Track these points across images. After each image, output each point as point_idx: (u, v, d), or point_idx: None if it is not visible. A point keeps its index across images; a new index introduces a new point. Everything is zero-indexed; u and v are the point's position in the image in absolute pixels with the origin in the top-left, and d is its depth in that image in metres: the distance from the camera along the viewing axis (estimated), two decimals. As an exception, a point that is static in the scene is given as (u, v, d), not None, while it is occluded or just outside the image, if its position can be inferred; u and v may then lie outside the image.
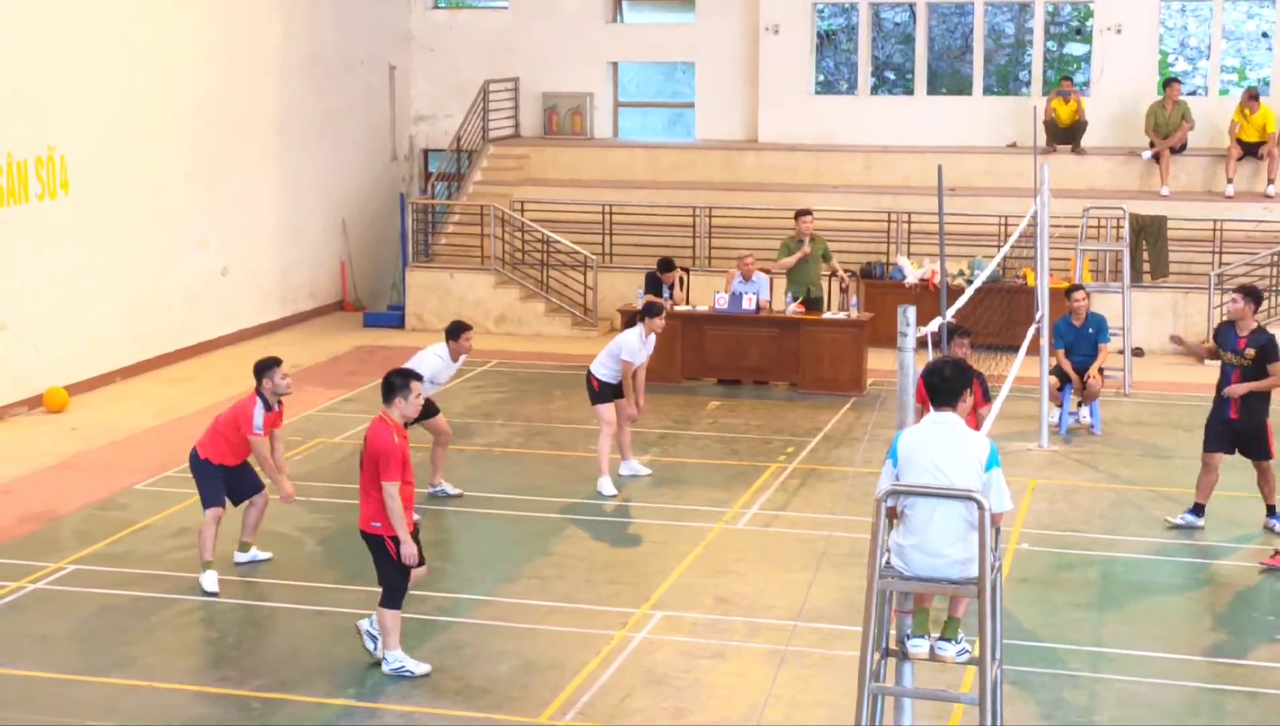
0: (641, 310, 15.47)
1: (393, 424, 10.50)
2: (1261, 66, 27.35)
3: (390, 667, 10.63)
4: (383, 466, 10.31)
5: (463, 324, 14.74)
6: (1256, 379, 13.21)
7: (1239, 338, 13.26)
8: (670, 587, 12.37)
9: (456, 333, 14.56)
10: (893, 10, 29.38)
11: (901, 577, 8.03)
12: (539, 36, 27.65)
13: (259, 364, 12.52)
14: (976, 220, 22.67)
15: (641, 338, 15.15)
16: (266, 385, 12.37)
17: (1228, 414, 13.35)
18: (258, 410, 12.32)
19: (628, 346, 15.06)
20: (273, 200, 24.06)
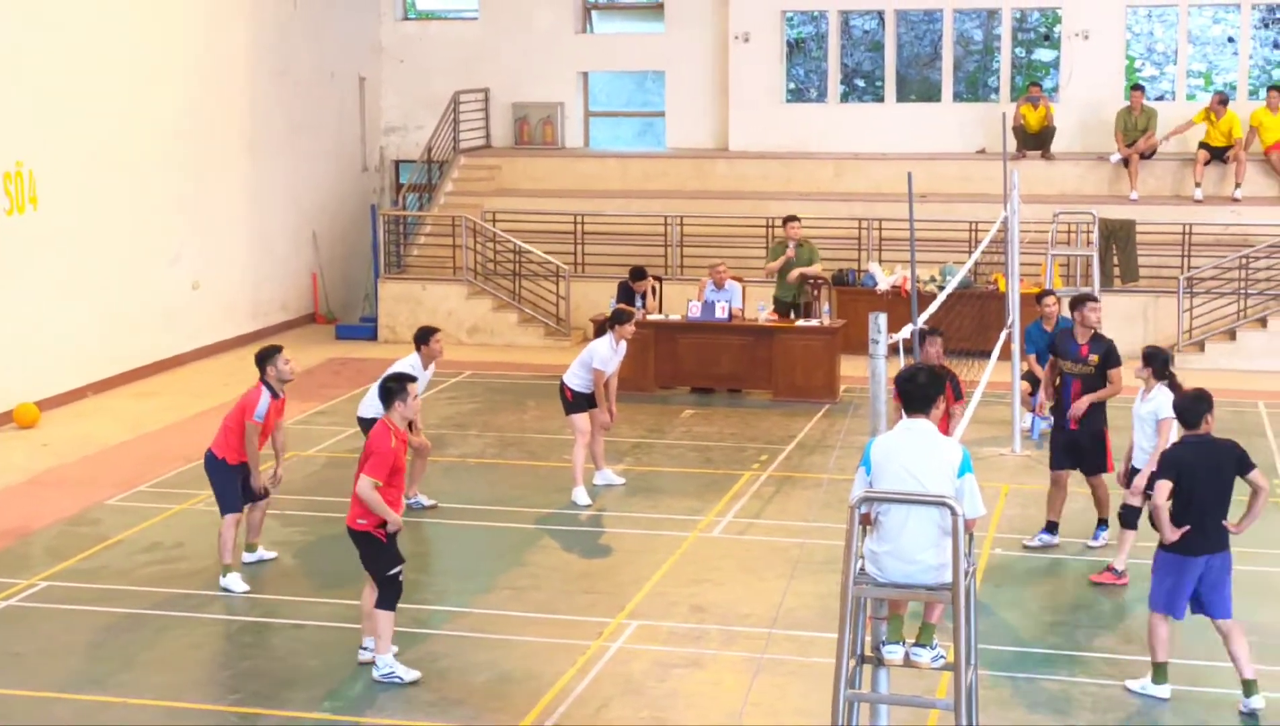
0: (610, 318, 15.48)
1: (393, 428, 10.61)
2: (1228, 71, 27.50)
3: (380, 673, 10.61)
4: (371, 462, 10.42)
5: (430, 328, 14.72)
6: (1097, 387, 13.10)
7: (1080, 345, 13.23)
8: (646, 597, 12.36)
9: (425, 337, 14.53)
10: (862, 18, 29.47)
11: (876, 584, 8.05)
12: (509, 47, 27.66)
13: (261, 353, 12.71)
14: (947, 226, 22.76)
15: (612, 345, 15.15)
16: (270, 373, 12.53)
17: (1067, 423, 13.23)
18: (263, 397, 12.45)
19: (599, 355, 15.06)
20: (244, 213, 24.00)
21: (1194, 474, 10.00)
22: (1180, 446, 10.26)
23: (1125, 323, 21.77)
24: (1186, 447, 10.18)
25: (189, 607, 12.21)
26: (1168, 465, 10.13)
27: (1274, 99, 23.84)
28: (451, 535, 14.22)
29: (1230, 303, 21.68)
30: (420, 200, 26.44)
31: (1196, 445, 10.15)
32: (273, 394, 12.55)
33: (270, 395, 12.52)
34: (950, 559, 7.79)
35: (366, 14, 27.92)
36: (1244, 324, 21.54)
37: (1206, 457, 10.08)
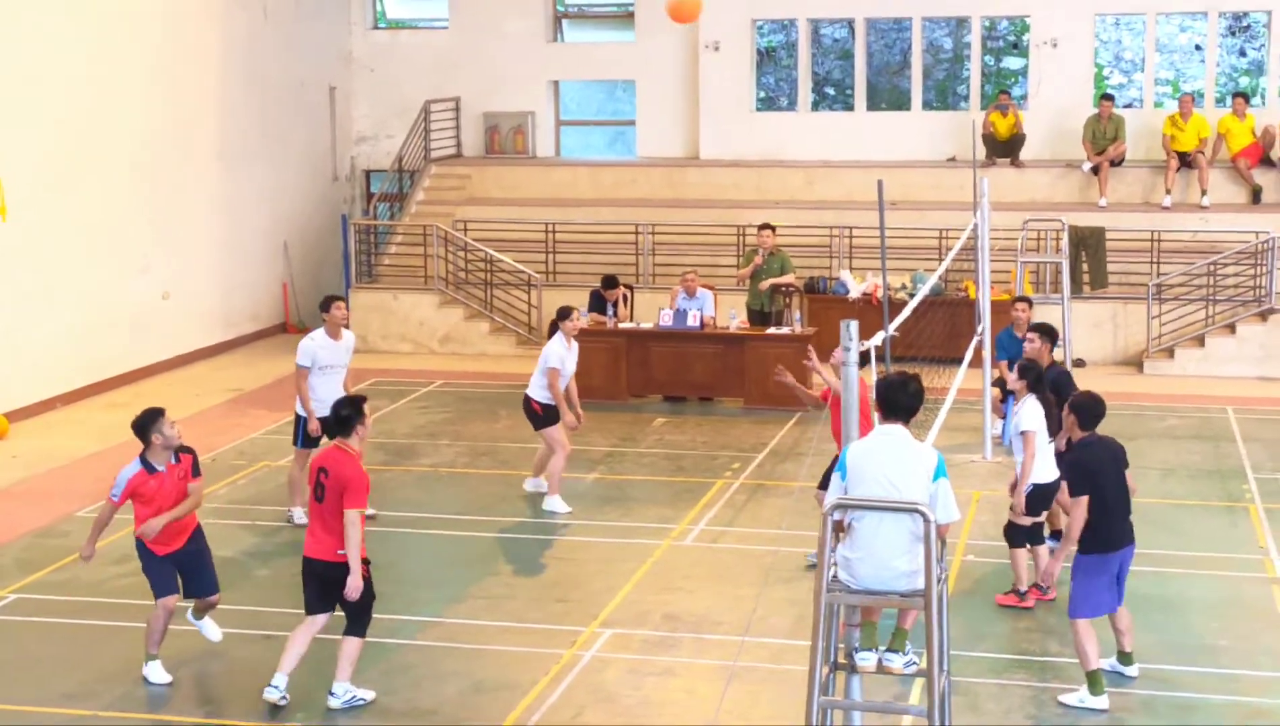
0: (554, 318, 15.48)
1: (354, 453, 10.39)
2: (1195, 79, 27.66)
3: (341, 701, 10.39)
4: (351, 494, 10.14)
5: (331, 296, 14.66)
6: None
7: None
8: (618, 605, 12.36)
9: (326, 305, 14.42)
10: (832, 26, 29.54)
11: (849, 591, 8.07)
12: (480, 56, 27.65)
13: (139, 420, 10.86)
14: (918, 234, 22.82)
15: (564, 343, 15.13)
16: (156, 440, 10.75)
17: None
18: (124, 473, 10.79)
19: (553, 354, 15.04)
20: (214, 223, 23.93)
21: (1104, 473, 10.26)
22: (1084, 449, 10.41)
23: (1095, 329, 21.90)
24: (1091, 449, 10.38)
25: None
26: (1083, 475, 10.23)
27: (1240, 106, 24.00)
28: (424, 544, 14.19)
29: (1199, 309, 21.80)
30: (391, 209, 26.40)
31: (1098, 444, 10.42)
32: (147, 468, 10.73)
33: (143, 469, 10.73)
34: (923, 565, 7.81)
35: (337, 23, 27.88)
36: (1212, 330, 21.65)
37: (1108, 455, 10.40)
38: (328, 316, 14.36)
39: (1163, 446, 17.48)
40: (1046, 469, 12.06)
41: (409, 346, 23.70)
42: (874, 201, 10.62)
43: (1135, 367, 21.70)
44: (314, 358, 14.23)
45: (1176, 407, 19.39)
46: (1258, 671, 10.98)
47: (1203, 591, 12.62)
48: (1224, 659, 11.19)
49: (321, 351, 14.28)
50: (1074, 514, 10.19)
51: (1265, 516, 14.62)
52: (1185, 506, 15.11)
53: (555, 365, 14.97)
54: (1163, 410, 19.26)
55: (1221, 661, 11.14)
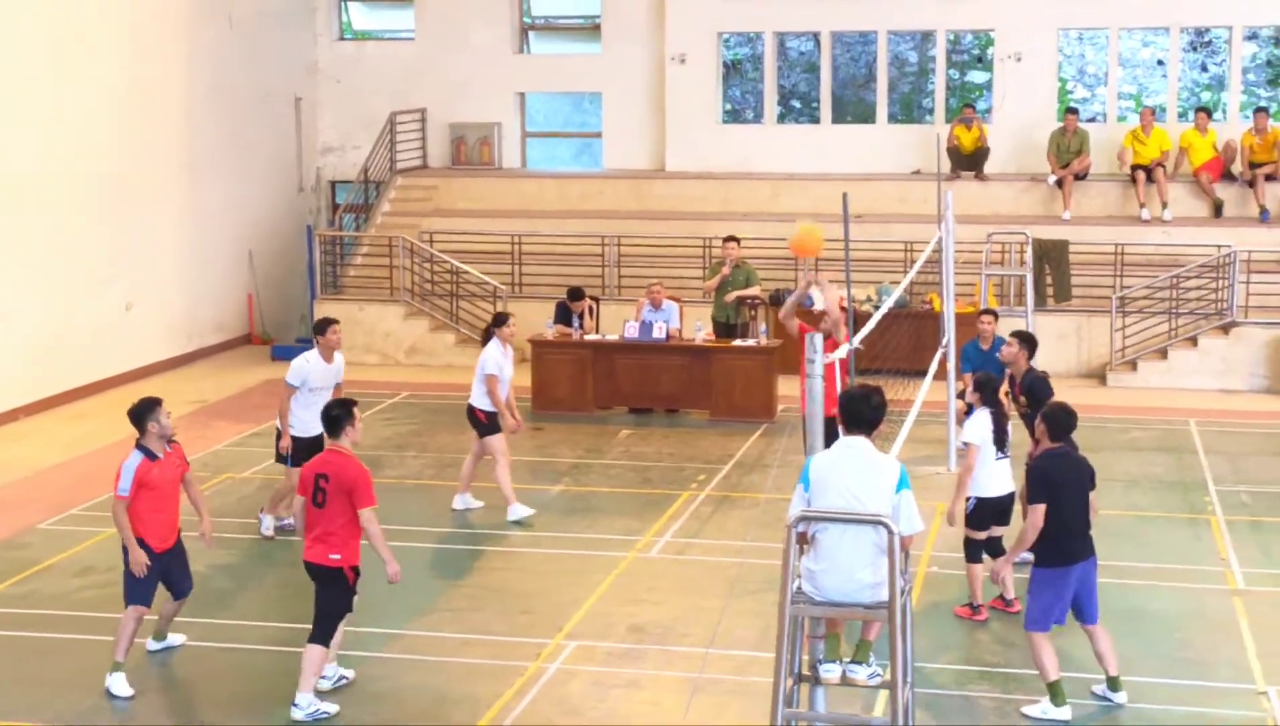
0: (490, 324, 15.55)
1: (348, 453, 10.44)
2: (1157, 93, 27.86)
3: (305, 714, 10.31)
4: (360, 494, 10.25)
5: (326, 319, 14.62)
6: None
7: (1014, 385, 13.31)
8: (584, 617, 12.35)
9: (322, 328, 14.39)
10: (798, 40, 29.64)
11: (813, 603, 8.09)
12: (446, 67, 27.64)
13: (136, 409, 11.05)
14: (883, 246, 22.91)
15: (500, 349, 15.17)
16: (152, 429, 10.94)
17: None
18: (128, 464, 10.86)
19: (489, 361, 15.10)
20: (178, 234, 23.84)
21: (1066, 487, 10.30)
22: (1050, 459, 10.46)
23: (1059, 342, 21.99)
24: (1053, 461, 10.44)
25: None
26: (1043, 484, 10.27)
27: (1202, 121, 24.18)
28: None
29: (1162, 322, 21.94)
30: (357, 220, 26.35)
31: (1062, 457, 10.47)
32: (149, 456, 10.90)
33: (145, 458, 10.89)
34: (887, 577, 7.84)
35: (302, 34, 27.83)
36: (1175, 343, 21.79)
37: (1071, 469, 10.44)
38: (322, 339, 14.28)
39: (1126, 458, 17.58)
40: (995, 482, 12.11)
41: (375, 358, 23.65)
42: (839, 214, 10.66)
43: (1099, 380, 21.82)
44: (305, 379, 14.15)
45: (1139, 420, 19.51)
46: (1219, 683, 11.05)
47: (1165, 603, 12.69)
48: (1186, 670, 11.25)
49: (314, 373, 14.21)
50: (1030, 520, 10.24)
51: (1226, 528, 14.72)
52: (1148, 518, 15.19)
53: (493, 371, 15.02)
54: (1126, 422, 19.37)
55: (1183, 673, 11.20)
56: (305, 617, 10.61)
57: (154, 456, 10.93)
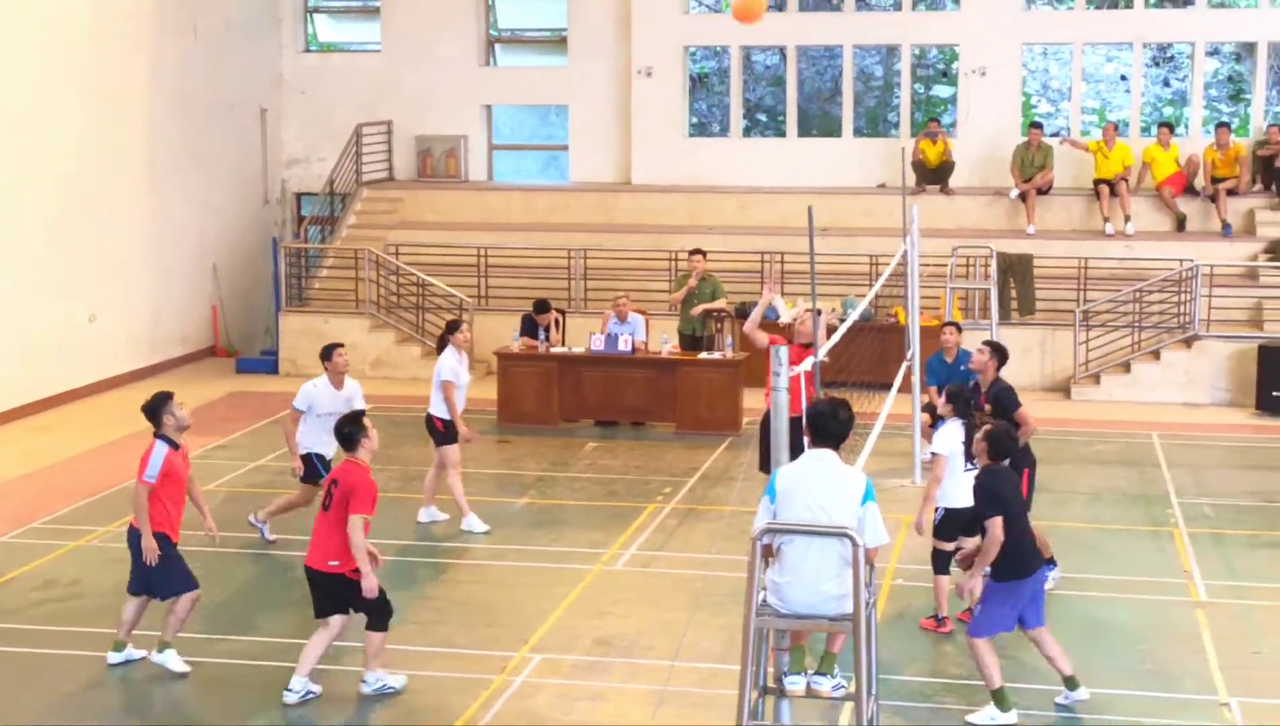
0: (443, 331, 15.61)
1: (364, 464, 10.69)
2: (1121, 108, 28.05)
3: (372, 688, 10.77)
4: (358, 499, 10.46)
5: (332, 344, 14.57)
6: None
7: (980, 394, 13.40)
8: (549, 630, 12.33)
9: (328, 353, 14.32)
10: (764, 53, 29.74)
11: (778, 615, 8.10)
12: (412, 80, 27.62)
13: (151, 403, 11.40)
14: (848, 260, 22.98)
15: (456, 357, 15.20)
16: (168, 422, 11.28)
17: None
18: (156, 451, 11.14)
19: (445, 368, 15.16)
20: (142, 245, 23.73)
21: (1013, 500, 10.43)
22: (991, 476, 10.54)
23: (1024, 355, 22.07)
24: (998, 477, 10.53)
25: (86, 646, 11.98)
26: (993, 498, 10.35)
27: (1164, 136, 24.35)
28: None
29: (1125, 336, 22.06)
30: (322, 233, 26.29)
31: (1004, 473, 10.58)
32: (172, 445, 11.26)
33: (169, 447, 11.23)
34: (852, 589, 7.86)
35: (268, 45, 27.77)
36: (1138, 356, 21.91)
37: (1013, 483, 10.60)
38: (329, 364, 14.19)
39: (1089, 471, 17.66)
40: (964, 494, 12.14)
41: (339, 370, 23.52)
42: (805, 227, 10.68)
43: (1063, 393, 21.92)
44: (312, 404, 14.06)
45: (1103, 433, 19.61)
46: (1182, 694, 11.10)
47: (1128, 615, 12.75)
48: (1148, 682, 11.30)
49: (322, 399, 14.10)
50: (990, 534, 10.31)
51: (1189, 541, 14.80)
52: (1111, 531, 15.26)
53: (449, 378, 15.08)
54: (1089, 436, 19.46)
55: (1146, 684, 11.25)
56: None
57: (176, 445, 11.27)
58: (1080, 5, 26.27)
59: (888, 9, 29.61)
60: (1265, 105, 26.10)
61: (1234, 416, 20.74)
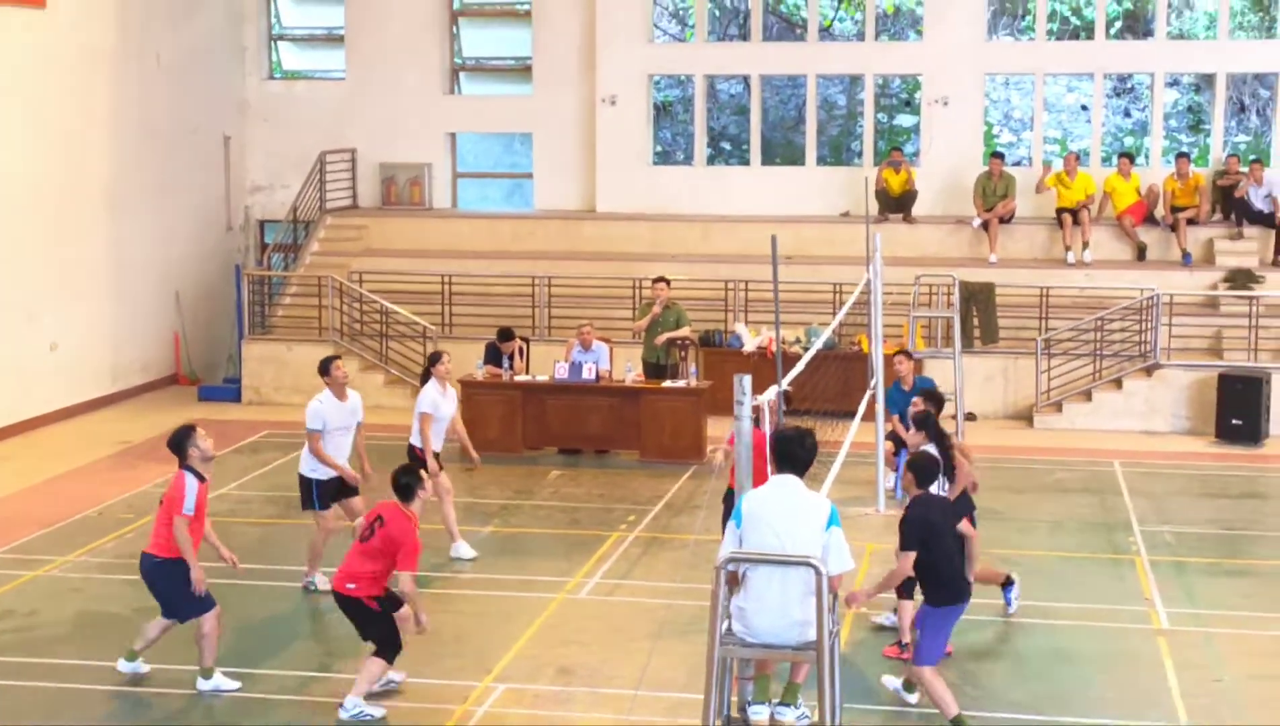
0: (426, 363, 15.65)
1: (413, 515, 11.05)
2: (1082, 138, 28.25)
3: (350, 714, 10.82)
4: (405, 555, 10.83)
5: (329, 357, 14.50)
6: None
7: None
8: (512, 659, 12.29)
9: (325, 368, 14.24)
10: (728, 82, 29.87)
11: (743, 644, 8.09)
12: (376, 107, 27.60)
13: (176, 436, 11.42)
14: (812, 288, 23.04)
15: (438, 389, 15.21)
16: (193, 454, 11.30)
17: None
18: (189, 485, 11.18)
19: (424, 400, 15.23)
20: (104, 272, 23.61)
21: (942, 530, 10.51)
22: (922, 506, 10.62)
23: (986, 383, 22.19)
24: (927, 507, 10.61)
25: (45, 677, 11.88)
26: (920, 531, 10.40)
27: (1125, 165, 24.53)
28: (317, 600, 14.00)
29: (1086, 364, 22.17)
30: (286, 260, 26.21)
31: (934, 502, 10.71)
32: (199, 478, 11.27)
33: (196, 480, 11.25)
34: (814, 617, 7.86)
35: (232, 72, 27.71)
36: (1100, 384, 22.02)
37: (942, 512, 10.69)
38: (329, 378, 14.11)
39: (1051, 499, 17.72)
40: None
41: (303, 398, 23.03)
42: (769, 255, 10.71)
43: (1025, 421, 22.01)
44: (324, 421, 13.97)
45: (1065, 461, 19.68)
46: (1144, 722, 11.12)
47: (1090, 643, 12.78)
48: (1111, 710, 11.33)
49: (332, 414, 14.01)
50: (899, 566, 10.41)
51: (1150, 568, 14.86)
52: (1073, 559, 15.31)
53: (427, 409, 15.12)
54: (1051, 464, 19.54)
55: (1108, 712, 11.28)
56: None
57: (202, 478, 11.35)
58: (1041, 36, 26.45)
59: (851, 39, 29.81)
60: (1224, 135, 26.33)
61: (1194, 444, 20.86)
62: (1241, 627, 13.27)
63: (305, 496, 14.14)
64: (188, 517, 11.17)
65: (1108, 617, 13.46)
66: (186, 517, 11.16)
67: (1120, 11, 30.83)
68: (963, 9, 25.89)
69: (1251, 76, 29.39)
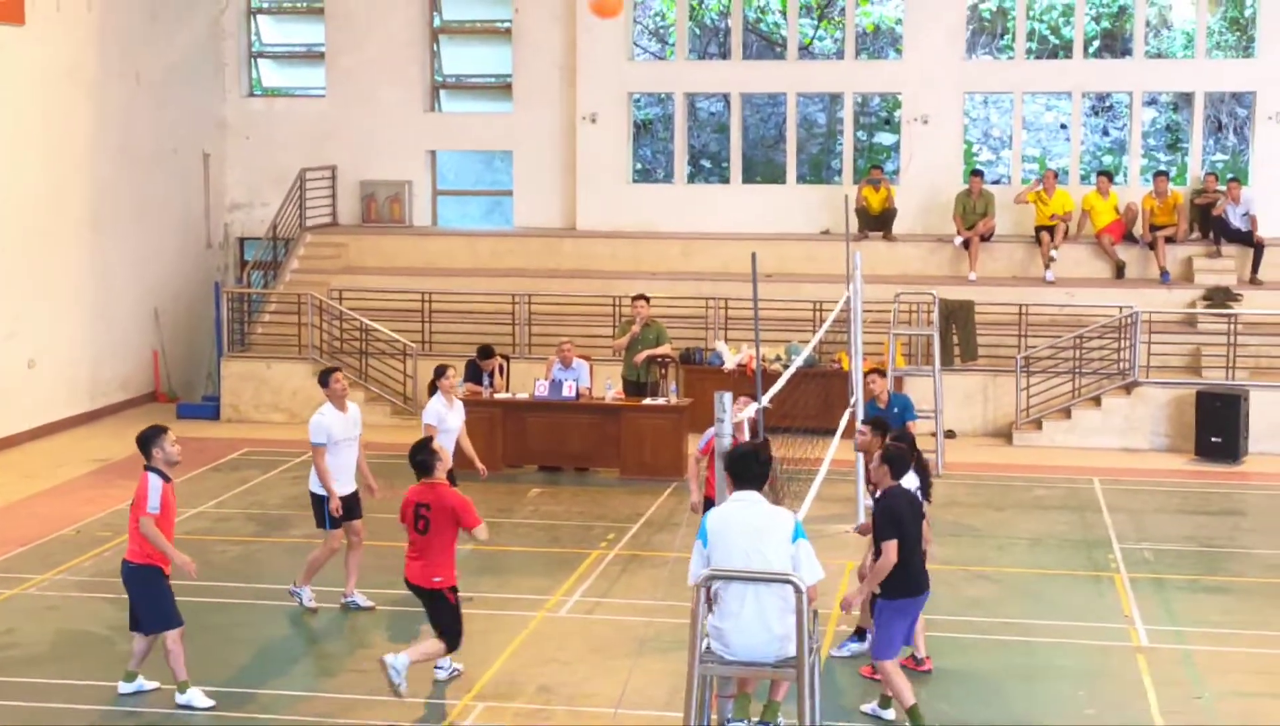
0: (432, 378, 15.82)
1: (443, 483, 11.69)
2: (1060, 156, 28.37)
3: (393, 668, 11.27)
4: (466, 516, 11.51)
5: (328, 368, 14.44)
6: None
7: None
8: (493, 677, 12.25)
9: (325, 379, 14.17)
10: (708, 100, 29.92)
11: (722, 662, 8.08)
12: (357, 125, 27.59)
13: (143, 435, 11.54)
14: (792, 306, 23.07)
15: (444, 403, 15.24)
16: (157, 456, 11.43)
17: None
18: (152, 484, 11.28)
19: (429, 412, 15.35)
20: (83, 290, 23.55)
21: (908, 521, 10.64)
22: (892, 497, 10.71)
23: (965, 401, 22.23)
24: (898, 499, 10.72)
25: (23, 696, 11.81)
26: (892, 521, 10.55)
27: (1103, 183, 24.63)
28: (296, 617, 13.96)
29: (1066, 382, 22.22)
30: (265, 277, 26.16)
31: (904, 495, 10.80)
32: (163, 478, 11.38)
33: (161, 480, 11.35)
34: (793, 630, 7.85)
35: (211, 90, 27.67)
36: (1079, 402, 22.08)
37: (910, 504, 10.80)
38: (329, 390, 14.02)
39: (1031, 516, 17.75)
40: None
41: (282, 416, 23.43)
42: (749, 273, 10.72)
43: (1005, 439, 22.05)
44: (329, 433, 13.88)
45: (1044, 478, 19.72)
46: (1123, 739, 11.14)
47: (1069, 660, 12.79)
48: (1091, 727, 11.33)
49: (335, 426, 13.93)
50: (885, 556, 10.50)
51: (1130, 585, 14.89)
52: (1052, 576, 15.33)
53: (430, 422, 15.16)
54: (1031, 481, 19.58)
55: (1088, 729, 11.28)
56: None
57: (167, 478, 11.46)
58: (1020, 55, 26.56)
59: (831, 58, 29.90)
60: (1202, 154, 26.46)
61: (1173, 462, 20.91)
62: (1221, 644, 13.30)
63: (318, 515, 14.02)
64: (153, 516, 11.27)
65: (1087, 635, 13.47)
66: (152, 516, 11.27)
67: (1099, 31, 31.01)
68: (942, 28, 25.99)
69: (1229, 95, 29.58)
